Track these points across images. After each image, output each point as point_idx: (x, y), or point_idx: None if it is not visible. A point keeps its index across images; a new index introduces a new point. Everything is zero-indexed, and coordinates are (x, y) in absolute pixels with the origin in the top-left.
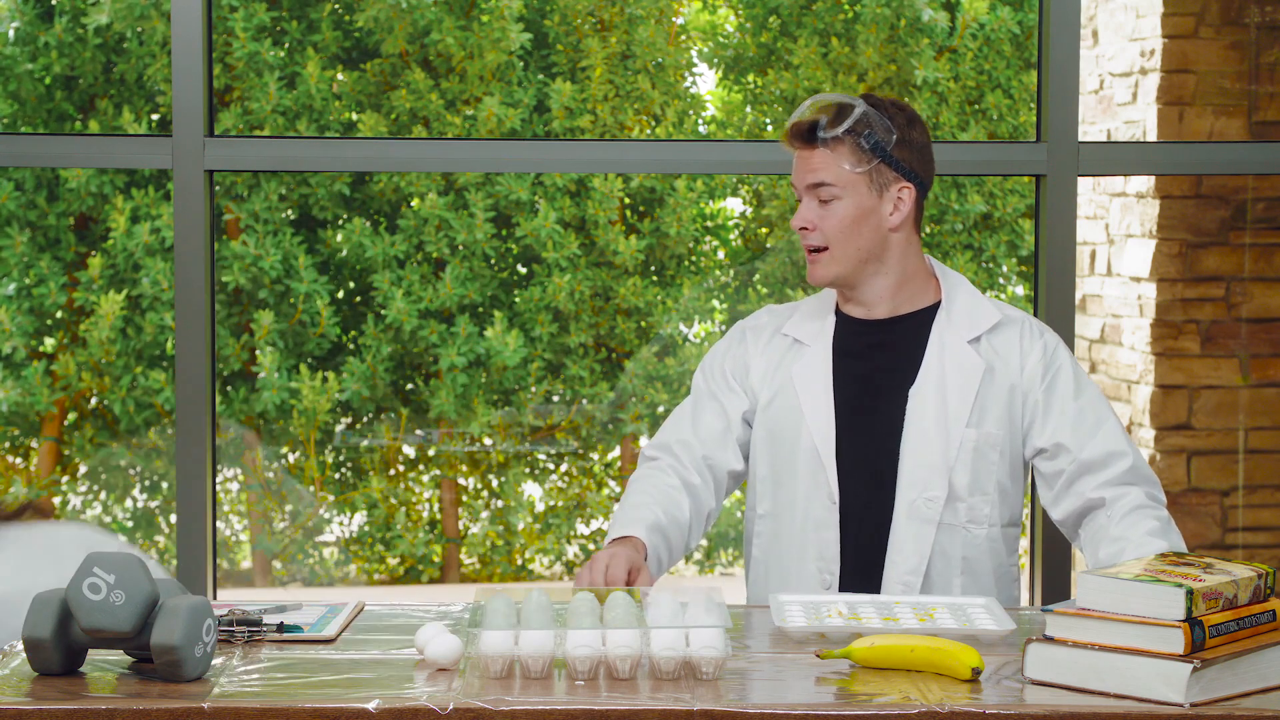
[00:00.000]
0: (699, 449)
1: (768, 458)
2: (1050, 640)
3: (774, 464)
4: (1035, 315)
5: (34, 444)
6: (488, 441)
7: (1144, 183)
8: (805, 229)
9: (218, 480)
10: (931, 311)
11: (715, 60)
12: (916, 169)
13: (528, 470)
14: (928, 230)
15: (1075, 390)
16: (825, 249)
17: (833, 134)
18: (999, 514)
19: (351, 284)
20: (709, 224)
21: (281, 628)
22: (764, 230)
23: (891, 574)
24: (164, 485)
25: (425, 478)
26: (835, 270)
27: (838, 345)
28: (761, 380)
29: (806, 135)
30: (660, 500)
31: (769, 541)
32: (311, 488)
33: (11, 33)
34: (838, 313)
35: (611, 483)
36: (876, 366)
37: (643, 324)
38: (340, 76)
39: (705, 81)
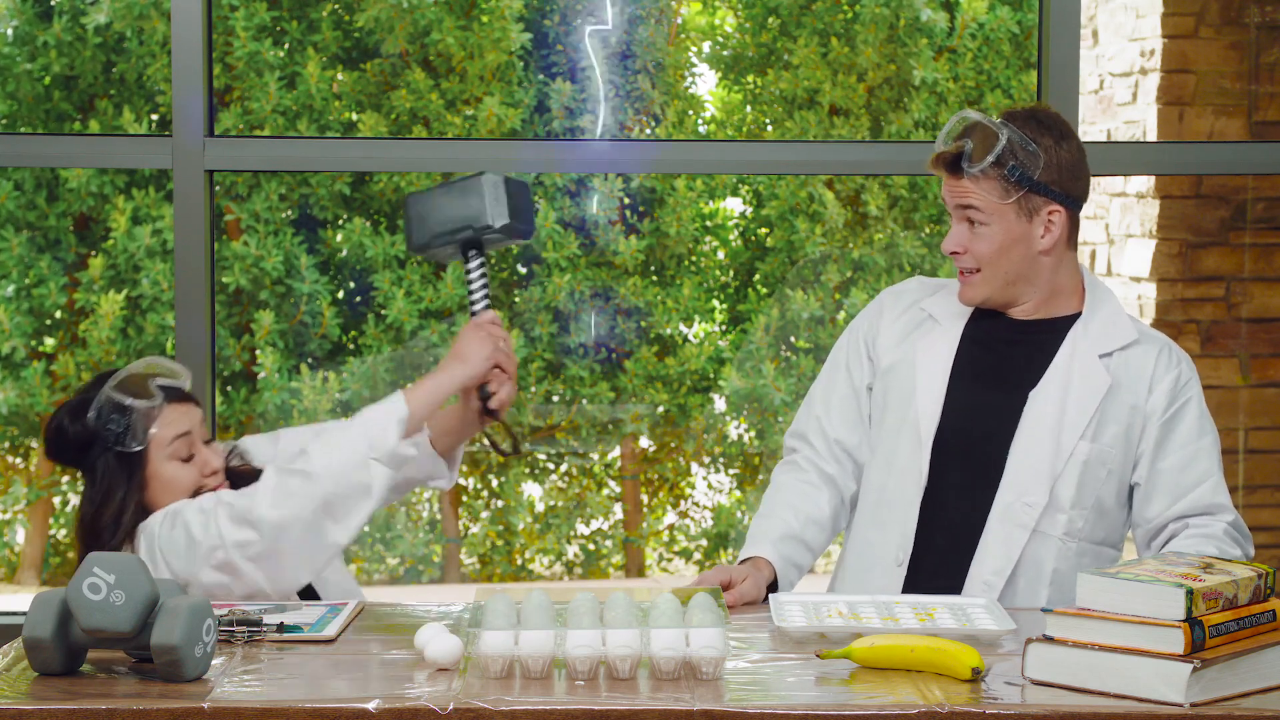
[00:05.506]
0: (831, 433)
1: (876, 423)
2: (1050, 640)
3: (880, 431)
4: None
5: (34, 444)
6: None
7: (1144, 183)
8: (956, 253)
9: None
10: (1070, 320)
11: (715, 60)
12: (1068, 189)
13: (528, 470)
14: (926, 230)
15: (1196, 432)
16: (977, 270)
17: (978, 169)
18: (1096, 530)
19: (352, 284)
20: (709, 224)
21: (281, 628)
22: (764, 230)
23: (976, 572)
24: None
25: None
26: (985, 291)
27: (969, 332)
28: (886, 347)
29: (950, 166)
30: (793, 503)
31: (858, 509)
32: None
33: (10, 32)
34: None
35: (611, 483)
36: (1002, 362)
37: (643, 324)
38: (340, 76)
39: (705, 81)
